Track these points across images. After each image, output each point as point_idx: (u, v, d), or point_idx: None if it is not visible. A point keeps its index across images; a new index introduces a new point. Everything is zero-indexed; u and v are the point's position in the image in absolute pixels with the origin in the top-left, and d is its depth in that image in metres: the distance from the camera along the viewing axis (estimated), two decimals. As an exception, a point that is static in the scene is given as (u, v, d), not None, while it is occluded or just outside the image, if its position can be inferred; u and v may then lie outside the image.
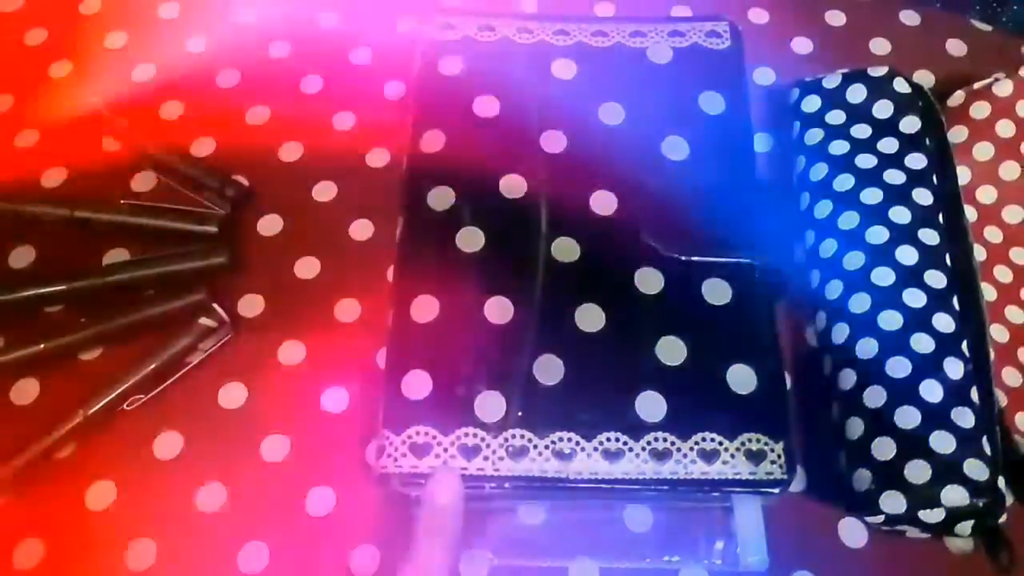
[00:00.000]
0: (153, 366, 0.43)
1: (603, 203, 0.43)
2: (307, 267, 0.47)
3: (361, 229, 0.48)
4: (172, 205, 0.48)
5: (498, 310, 0.40)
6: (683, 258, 0.42)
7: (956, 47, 0.54)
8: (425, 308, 0.41)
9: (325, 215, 0.48)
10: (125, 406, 0.42)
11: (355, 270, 0.46)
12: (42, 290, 0.45)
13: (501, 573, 0.39)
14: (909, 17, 0.56)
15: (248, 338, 0.45)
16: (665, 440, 0.38)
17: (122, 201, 0.48)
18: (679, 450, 0.38)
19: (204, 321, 0.44)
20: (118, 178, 0.49)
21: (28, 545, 0.40)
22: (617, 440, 0.38)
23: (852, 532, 0.41)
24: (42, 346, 0.43)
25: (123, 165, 0.49)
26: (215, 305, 0.44)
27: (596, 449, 0.38)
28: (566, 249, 0.42)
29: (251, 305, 0.46)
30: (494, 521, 0.40)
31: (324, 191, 0.49)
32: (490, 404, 0.38)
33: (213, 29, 0.54)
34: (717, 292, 0.41)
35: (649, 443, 0.38)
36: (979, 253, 0.45)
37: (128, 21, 0.55)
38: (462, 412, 0.38)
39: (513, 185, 0.43)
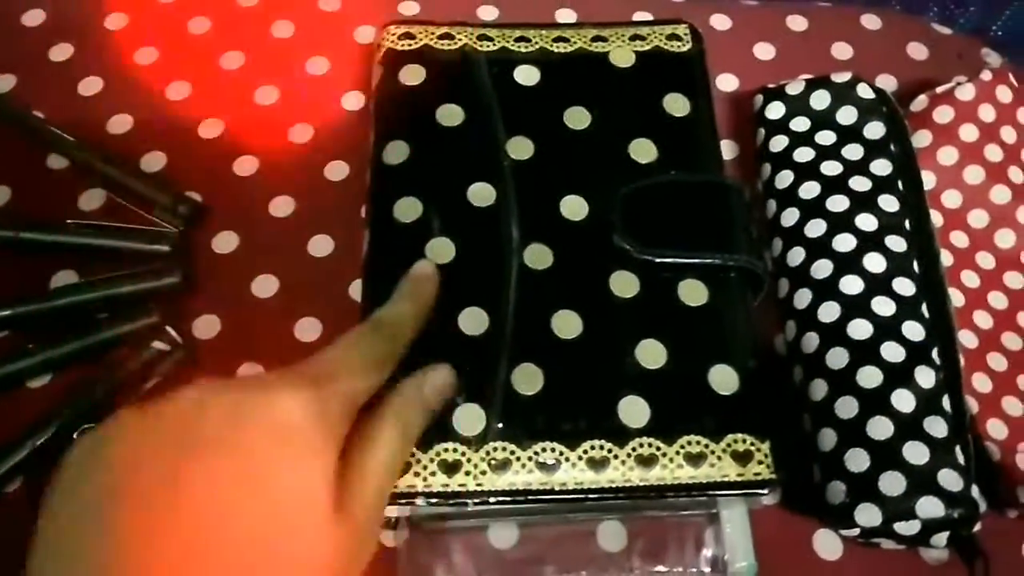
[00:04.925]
0: (104, 393, 0.41)
1: (574, 208, 0.42)
2: (265, 285, 0.45)
3: (320, 244, 0.46)
4: (122, 224, 0.46)
5: (472, 321, 0.39)
6: (657, 260, 0.41)
7: (917, 51, 0.54)
8: (397, 323, 0.39)
9: (282, 231, 0.47)
10: (75, 435, 0.41)
11: (316, 287, 0.45)
12: (-15, 316, 0.43)
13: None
14: (870, 21, 0.55)
15: (205, 361, 0.43)
16: (650, 445, 0.37)
17: (69, 221, 0.46)
18: (664, 455, 0.37)
19: (157, 344, 0.42)
20: (65, 197, 0.47)
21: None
22: (601, 448, 0.37)
23: (827, 544, 0.40)
24: (-14, 374, 0.41)
25: (70, 183, 0.47)
26: (168, 328, 0.43)
27: (580, 458, 0.37)
28: (539, 256, 0.41)
29: (207, 326, 0.44)
30: (465, 543, 0.39)
31: (281, 206, 0.47)
32: (469, 417, 0.37)
33: (164, 40, 0.52)
34: (693, 293, 0.41)
35: (634, 449, 0.37)
36: (946, 258, 0.45)
37: (74, 33, 0.53)
38: (440, 427, 0.37)
39: (481, 193, 0.42)
